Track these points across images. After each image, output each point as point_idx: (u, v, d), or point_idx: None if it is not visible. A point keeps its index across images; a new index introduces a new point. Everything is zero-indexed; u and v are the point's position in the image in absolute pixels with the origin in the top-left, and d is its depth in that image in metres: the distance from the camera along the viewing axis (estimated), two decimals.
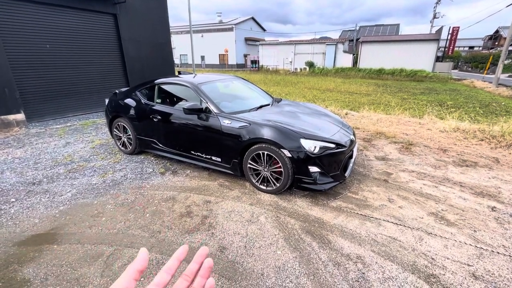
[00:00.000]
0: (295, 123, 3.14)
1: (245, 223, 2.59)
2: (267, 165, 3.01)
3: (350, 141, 3.17)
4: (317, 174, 2.87)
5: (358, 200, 2.96)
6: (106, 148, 4.73)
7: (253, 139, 2.98)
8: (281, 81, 19.68)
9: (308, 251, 2.20)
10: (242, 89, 4.29)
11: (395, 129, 5.55)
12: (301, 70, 29.54)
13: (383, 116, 6.56)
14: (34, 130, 6.07)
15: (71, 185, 3.40)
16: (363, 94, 13.53)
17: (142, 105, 3.96)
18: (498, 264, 2.05)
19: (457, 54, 38.16)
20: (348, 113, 7.06)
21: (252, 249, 2.24)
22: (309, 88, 16.17)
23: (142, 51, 8.73)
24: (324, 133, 3.05)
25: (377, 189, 3.19)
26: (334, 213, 2.74)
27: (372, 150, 4.48)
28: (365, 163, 3.96)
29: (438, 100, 11.20)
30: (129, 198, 3.09)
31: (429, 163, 3.92)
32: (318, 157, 2.81)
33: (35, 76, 6.57)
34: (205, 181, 3.48)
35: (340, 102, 10.83)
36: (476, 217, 2.63)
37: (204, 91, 3.47)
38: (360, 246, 2.25)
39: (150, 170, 3.83)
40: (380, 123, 5.98)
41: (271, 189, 3.06)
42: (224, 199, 3.02)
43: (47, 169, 3.86)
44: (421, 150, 4.45)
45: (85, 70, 7.47)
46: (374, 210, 2.77)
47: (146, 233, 2.47)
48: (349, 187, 3.25)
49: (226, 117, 3.20)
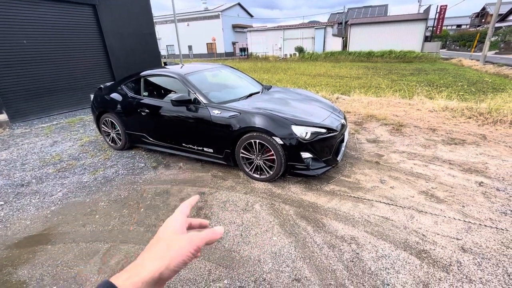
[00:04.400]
0: (285, 110, 3.12)
1: (240, 212, 2.61)
2: (260, 153, 3.00)
3: (341, 125, 3.18)
4: (310, 159, 2.88)
5: (351, 183, 3.00)
6: (95, 145, 4.63)
7: (244, 128, 2.96)
8: (271, 68, 19.44)
9: (303, 236, 2.24)
10: (231, 77, 4.22)
11: (385, 111, 5.59)
12: (291, 56, 29.22)
13: (374, 99, 6.58)
14: (19, 130, 5.89)
15: (61, 184, 3.34)
16: (354, 77, 13.52)
17: (128, 99, 3.86)
18: (485, 236, 2.13)
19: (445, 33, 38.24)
20: (339, 97, 7.06)
21: (248, 237, 2.26)
22: (300, 74, 16.05)
23: (126, 43, 8.44)
24: (315, 119, 3.05)
25: (369, 171, 3.23)
26: (328, 197, 2.77)
27: (364, 133, 4.52)
28: (357, 146, 4.00)
29: (427, 80, 11.28)
30: (122, 194, 3.06)
31: (419, 143, 3.98)
32: (310, 143, 2.81)
33: (13, 74, 6.30)
34: (198, 172, 3.47)
35: (331, 86, 10.79)
36: (464, 193, 2.71)
37: (192, 82, 3.40)
38: (354, 228, 2.30)
39: (142, 165, 3.78)
40: (371, 106, 6.01)
41: (265, 177, 3.07)
42: (218, 190, 3.02)
43: (35, 170, 3.77)
44: (411, 130, 4.51)
45: (66, 65, 7.20)
46: (367, 192, 2.82)
47: (141, 227, 2.46)
48: (342, 171, 3.28)
49: (215, 107, 3.15)
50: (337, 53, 24.76)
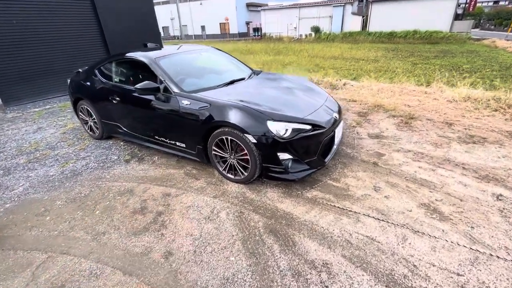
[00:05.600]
0: (265, 101, 2.65)
1: (202, 221, 2.26)
2: (233, 152, 2.60)
3: (332, 121, 2.68)
4: (289, 161, 2.45)
5: (339, 189, 2.56)
6: (76, 133, 4.40)
7: (214, 122, 2.55)
8: (284, 50, 18.46)
9: (266, 257, 1.87)
10: (215, 61, 3.75)
11: (396, 100, 4.94)
12: (306, 37, 27.72)
13: (385, 86, 5.88)
14: (11, 114, 5.79)
15: (26, 177, 3.12)
16: (370, 60, 12.50)
17: (101, 85, 3.52)
18: (496, 272, 1.66)
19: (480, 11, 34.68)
20: (346, 83, 6.39)
21: (202, 255, 1.92)
22: (313, 56, 15.10)
23: (123, 22, 8.03)
24: (299, 112, 2.57)
25: (363, 175, 2.76)
26: (307, 206, 2.36)
27: (366, 126, 3.97)
28: (355, 142, 3.49)
29: (453, 64, 10.17)
30: (83, 191, 2.79)
31: (429, 140, 3.41)
32: (289, 142, 2.36)
33: (4, 56, 6.12)
34: (171, 169, 3.13)
35: (344, 70, 10.00)
36: (476, 209, 2.20)
37: (163, 67, 2.98)
38: (330, 250, 1.90)
39: (115, 157, 3.50)
40: (381, 94, 5.35)
41: (239, 179, 2.68)
42: (186, 191, 2.68)
43: (7, 159, 3.59)
44: (423, 124, 3.90)
45: (60, 47, 6.95)
46: (355, 201, 2.37)
47: (88, 235, 2.18)
48: (331, 173, 2.83)
49: (185, 97, 2.74)
50: (356, 34, 23.12)
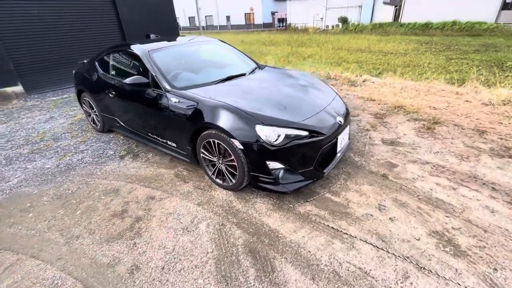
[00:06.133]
0: (259, 101, 2.38)
1: (179, 232, 2.08)
2: (221, 156, 2.37)
3: (335, 126, 2.35)
4: (280, 171, 2.17)
5: (337, 205, 2.25)
6: (82, 125, 4.42)
7: (200, 123, 2.33)
8: (307, 41, 17.74)
9: (238, 284, 1.64)
10: (217, 55, 3.50)
11: (421, 101, 4.40)
12: (333, 28, 26.46)
13: (410, 83, 5.29)
14: (31, 102, 6.01)
15: (24, 169, 3.14)
16: (400, 54, 11.56)
17: (99, 77, 3.44)
18: None
19: None
20: (367, 79, 5.86)
21: (169, 273, 1.74)
22: (337, 48, 14.34)
23: (140, 13, 8.01)
24: (296, 115, 2.27)
25: (368, 189, 2.41)
26: (297, 223, 2.09)
27: (382, 130, 3.54)
28: (366, 148, 3.11)
29: (495, 59, 9.04)
30: (71, 188, 2.73)
31: (454, 151, 2.94)
32: (281, 150, 2.09)
33: (26, 46, 6.34)
34: (162, 168, 2.99)
35: (368, 64, 9.31)
36: (503, 245, 1.80)
37: (155, 60, 2.79)
38: (313, 282, 1.63)
39: (111, 152, 3.43)
40: (404, 93, 4.81)
41: (228, 185, 2.46)
42: (171, 196, 2.51)
43: (13, 149, 3.67)
44: (449, 131, 3.40)
45: (79, 37, 7.09)
46: (353, 222, 2.06)
47: (63, 238, 2.09)
48: (331, 185, 2.51)
49: (174, 94, 2.54)
50: (387, 25, 21.56)
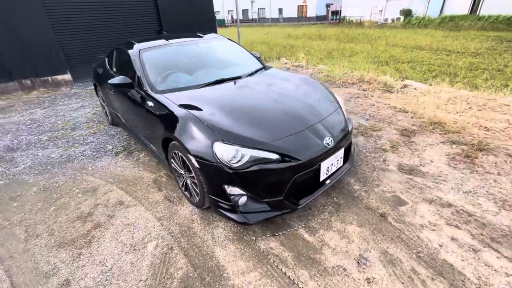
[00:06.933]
0: (233, 112, 2.06)
1: (126, 248, 1.94)
2: (185, 169, 2.15)
3: (319, 150, 1.92)
4: (241, 198, 1.85)
5: (307, 246, 1.84)
6: (101, 116, 4.65)
7: (165, 131, 2.13)
8: (359, 36, 16.32)
9: None
10: (217, 55, 3.24)
11: (470, 117, 3.51)
12: (393, 21, 23.87)
13: (464, 94, 4.29)
14: (74, 90, 6.64)
15: (34, 156, 3.39)
16: (469, 53, 9.81)
17: (105, 73, 3.51)
18: None
19: None
20: (408, 85, 4.97)
21: None
22: (392, 45, 12.87)
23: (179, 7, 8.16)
24: (269, 133, 1.90)
25: (354, 231, 1.94)
26: (251, 262, 1.76)
27: (403, 152, 2.89)
28: (373, 174, 2.55)
29: None
30: (59, 181, 2.83)
31: (495, 194, 2.21)
32: (242, 174, 1.77)
33: (76, 39, 6.99)
34: (146, 171, 2.91)
35: (424, 65, 8.07)
36: None
37: (143, 60, 2.67)
38: None
39: (110, 147, 3.50)
40: (450, 105, 3.91)
41: (193, 202, 2.24)
42: (139, 204, 2.39)
43: (37, 135, 4.02)
44: (496, 163, 2.60)
45: (122, 31, 7.55)
46: (317, 274, 1.64)
47: (25, 234, 2.13)
48: (311, 218, 2.09)
49: (151, 97, 2.39)
50: (459, 18, 18.50)
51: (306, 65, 7.54)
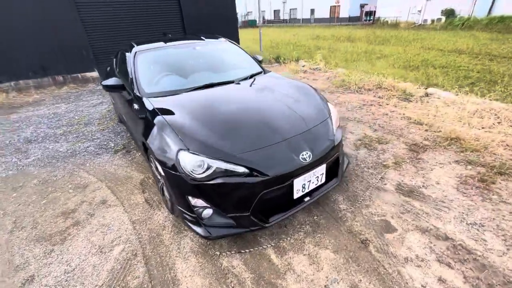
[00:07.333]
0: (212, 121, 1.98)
1: (94, 249, 1.95)
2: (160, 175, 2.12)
3: (292, 165, 1.76)
4: (205, 210, 1.77)
5: (271, 269, 1.70)
6: (114, 113, 4.86)
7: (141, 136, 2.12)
8: (391, 38, 15.38)
9: None
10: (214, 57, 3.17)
11: (495, 134, 3.06)
12: (433, 22, 22.12)
13: (495, 106, 3.78)
14: (99, 87, 7.05)
15: (45, 149, 3.62)
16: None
17: (111, 73, 3.64)
18: None
19: None
20: (431, 94, 4.51)
21: None
22: (428, 48, 11.92)
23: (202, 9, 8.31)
24: (239, 145, 1.79)
25: (327, 257, 1.75)
26: (208, 280, 1.67)
27: (407, 171, 2.60)
28: (366, 193, 2.31)
29: None
30: (58, 175, 2.97)
31: (506, 230, 1.87)
32: (205, 186, 1.68)
33: (103, 37, 7.41)
34: (137, 172, 2.95)
35: (460, 71, 7.31)
36: None
37: (137, 62, 2.70)
38: None
39: (112, 145, 3.62)
40: (476, 119, 3.46)
41: (168, 207, 2.20)
42: (120, 205, 2.42)
43: (54, 129, 4.30)
44: None
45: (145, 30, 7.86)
46: None
47: (12, 226, 2.25)
48: (284, 236, 1.94)
49: (137, 100, 2.40)
50: (511, 19, 16.59)
51: (324, 67, 7.23)
